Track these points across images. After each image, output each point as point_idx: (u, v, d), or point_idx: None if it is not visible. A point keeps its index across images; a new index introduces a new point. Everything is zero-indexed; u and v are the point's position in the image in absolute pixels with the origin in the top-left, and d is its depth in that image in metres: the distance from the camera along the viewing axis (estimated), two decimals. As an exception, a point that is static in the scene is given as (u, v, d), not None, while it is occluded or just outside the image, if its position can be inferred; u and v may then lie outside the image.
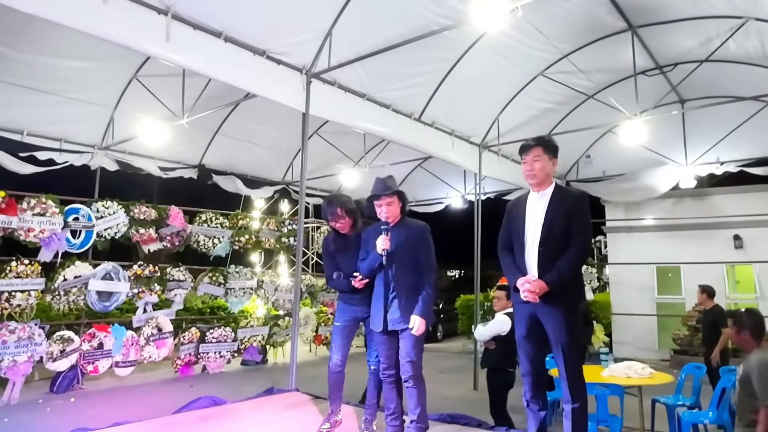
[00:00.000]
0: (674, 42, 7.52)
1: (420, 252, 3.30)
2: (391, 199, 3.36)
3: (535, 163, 3.03)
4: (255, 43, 5.62)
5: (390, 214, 3.35)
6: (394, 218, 3.37)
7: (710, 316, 6.66)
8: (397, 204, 3.38)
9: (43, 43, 6.18)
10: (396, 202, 3.38)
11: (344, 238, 3.73)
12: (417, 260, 3.30)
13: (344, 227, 3.71)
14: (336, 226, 3.71)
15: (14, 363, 6.54)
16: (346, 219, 3.69)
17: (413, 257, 3.30)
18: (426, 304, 3.21)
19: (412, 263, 3.28)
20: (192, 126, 7.40)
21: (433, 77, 7.40)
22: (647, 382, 5.22)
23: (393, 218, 3.36)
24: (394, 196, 3.37)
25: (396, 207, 3.38)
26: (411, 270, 3.28)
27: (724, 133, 9.23)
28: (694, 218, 10.92)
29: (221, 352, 8.86)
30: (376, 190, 3.38)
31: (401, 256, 3.29)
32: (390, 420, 3.26)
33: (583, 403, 2.83)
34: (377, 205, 3.38)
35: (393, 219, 3.36)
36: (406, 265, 3.28)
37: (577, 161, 11.16)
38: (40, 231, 6.91)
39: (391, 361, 3.27)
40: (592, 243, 3.19)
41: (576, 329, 2.92)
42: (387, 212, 3.35)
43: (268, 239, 10.11)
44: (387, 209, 3.35)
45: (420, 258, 3.29)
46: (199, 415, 4.01)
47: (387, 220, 3.34)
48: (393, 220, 3.36)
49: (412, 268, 3.28)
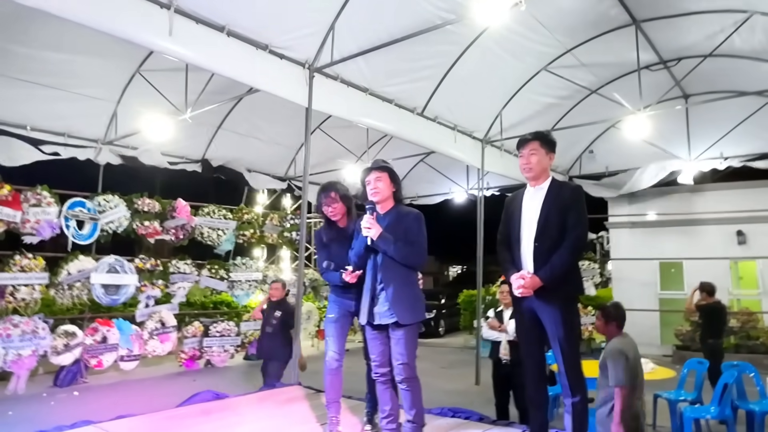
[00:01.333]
0: (678, 36, 7.48)
1: (410, 238, 3.04)
2: (380, 174, 3.14)
3: (532, 157, 3.03)
4: (258, 37, 5.61)
5: (378, 191, 3.12)
6: (382, 197, 3.14)
7: (715, 311, 6.64)
8: (387, 183, 3.15)
9: (47, 38, 6.18)
10: (385, 179, 3.15)
11: (337, 229, 3.54)
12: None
13: (337, 213, 3.51)
14: (329, 212, 3.51)
15: (19, 357, 6.59)
16: (339, 204, 3.50)
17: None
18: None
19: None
20: (195, 121, 7.40)
21: (435, 72, 7.39)
22: (649, 377, 5.22)
23: (381, 196, 3.14)
24: (384, 171, 3.16)
25: (385, 185, 3.14)
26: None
27: (728, 128, 9.19)
28: (697, 213, 10.89)
29: (225, 346, 8.90)
30: (368, 166, 3.24)
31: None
32: (385, 423, 3.03)
33: (584, 396, 2.84)
34: (367, 183, 3.18)
35: (381, 197, 3.14)
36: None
37: (580, 156, 11.13)
38: (35, 221, 6.91)
39: (383, 359, 3.05)
40: (587, 237, 3.15)
41: (573, 323, 2.91)
42: (374, 188, 3.13)
43: (271, 234, 10.14)
44: (374, 184, 3.13)
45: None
46: (201, 408, 4.03)
47: (374, 197, 3.14)
48: (381, 199, 3.14)
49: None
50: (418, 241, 3.07)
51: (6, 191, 6.64)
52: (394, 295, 2.98)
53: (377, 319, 3.04)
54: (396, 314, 2.96)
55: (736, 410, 5.12)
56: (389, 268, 3.03)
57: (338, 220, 3.56)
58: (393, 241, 3.00)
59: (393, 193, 3.20)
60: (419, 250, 3.07)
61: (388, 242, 3.00)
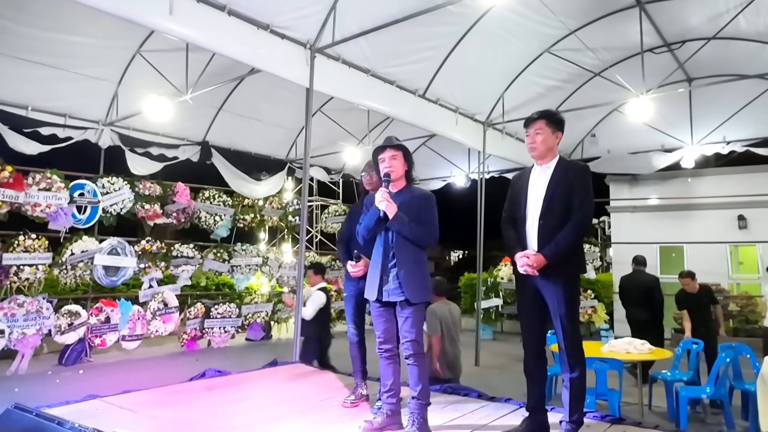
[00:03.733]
0: (682, 18, 7.42)
1: (422, 218, 3.06)
2: (395, 153, 3.14)
3: (537, 136, 3.03)
4: (259, 16, 5.58)
5: (393, 169, 3.12)
6: (396, 175, 3.13)
7: (705, 297, 6.51)
8: (401, 161, 3.14)
9: (48, 17, 6.16)
10: (400, 157, 3.14)
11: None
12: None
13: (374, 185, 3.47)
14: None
15: (23, 336, 6.67)
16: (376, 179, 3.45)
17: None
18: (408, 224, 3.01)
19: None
20: (196, 102, 7.40)
21: (437, 53, 7.35)
22: (646, 357, 5.29)
23: (395, 175, 3.13)
24: (399, 150, 3.15)
25: (400, 164, 3.14)
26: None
27: (731, 112, 9.15)
28: (699, 198, 10.89)
29: (226, 327, 8.98)
30: (383, 144, 3.22)
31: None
32: (386, 397, 3.07)
33: (582, 372, 2.87)
34: (381, 160, 3.17)
35: (395, 176, 3.13)
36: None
37: (582, 140, 11.10)
38: (46, 206, 6.97)
39: (388, 335, 3.09)
40: (592, 217, 3.15)
41: (575, 300, 2.94)
42: (389, 165, 3.12)
43: (272, 217, 10.17)
44: (389, 162, 3.12)
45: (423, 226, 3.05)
46: (205, 384, 4.09)
47: (388, 171, 3.12)
48: (395, 178, 3.13)
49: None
50: (431, 220, 3.09)
51: (7, 173, 6.66)
52: (406, 274, 3.00)
53: (385, 297, 3.06)
54: (407, 293, 2.98)
55: (732, 391, 5.19)
56: (402, 247, 3.04)
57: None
58: (407, 221, 3.02)
59: (406, 172, 3.19)
60: (432, 230, 3.08)
61: (403, 222, 3.02)
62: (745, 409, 5.15)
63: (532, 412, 3.04)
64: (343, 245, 3.80)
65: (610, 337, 6.00)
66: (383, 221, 3.08)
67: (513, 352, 8.22)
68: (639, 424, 3.28)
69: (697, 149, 9.70)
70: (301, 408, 3.48)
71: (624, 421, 3.29)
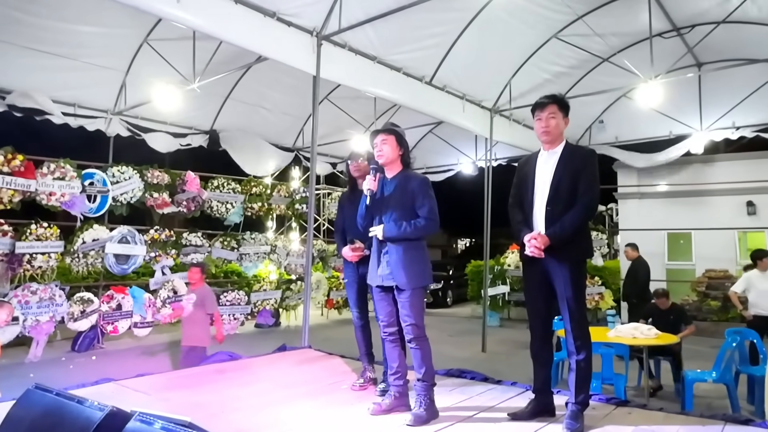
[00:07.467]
0: (692, 2, 7.35)
1: (418, 202, 3.04)
2: (386, 137, 3.14)
3: (551, 120, 3.03)
4: (265, 4, 5.57)
5: (383, 154, 3.13)
6: (387, 159, 3.14)
7: (672, 314, 6.12)
8: (393, 146, 3.14)
9: (55, 7, 6.19)
10: (391, 141, 3.13)
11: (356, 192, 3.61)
12: (415, 213, 3.05)
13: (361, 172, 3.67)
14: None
15: (37, 323, 6.78)
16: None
17: (410, 210, 3.04)
18: (405, 229, 3.01)
19: (408, 217, 3.04)
20: (203, 91, 7.42)
21: (444, 39, 7.32)
22: (653, 342, 5.32)
23: (386, 159, 3.14)
24: (390, 134, 3.14)
25: (391, 148, 3.13)
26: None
27: (741, 97, 9.06)
28: (707, 184, 10.82)
29: (235, 314, 9.08)
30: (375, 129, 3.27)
31: (395, 207, 3.07)
32: (393, 380, 3.12)
33: (588, 354, 2.91)
34: (374, 146, 3.18)
35: (386, 160, 3.14)
36: (401, 218, 3.04)
37: (590, 126, 11.04)
38: (61, 195, 7.04)
39: (391, 319, 3.12)
40: (598, 201, 3.15)
41: (581, 284, 2.97)
42: (379, 150, 3.14)
43: (279, 206, 10.23)
44: (380, 147, 3.14)
45: (418, 212, 3.04)
46: (215, 368, 4.18)
47: (379, 160, 3.15)
48: (387, 162, 3.15)
49: (408, 221, 3.03)
50: (427, 205, 3.04)
51: (18, 161, 6.73)
52: (396, 260, 3.02)
53: (380, 281, 3.11)
54: (396, 279, 3.02)
55: (738, 375, 5.21)
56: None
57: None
58: (397, 229, 3.03)
59: (400, 156, 3.19)
60: (431, 218, 3.04)
61: (394, 233, 3.04)
62: (751, 393, 5.18)
63: (538, 393, 3.09)
64: (339, 234, 3.85)
65: (617, 321, 6.00)
66: (371, 209, 3.16)
67: (520, 338, 8.28)
68: (644, 407, 3.32)
69: (707, 135, 9.62)
70: (310, 391, 3.54)
71: (629, 404, 3.33)
